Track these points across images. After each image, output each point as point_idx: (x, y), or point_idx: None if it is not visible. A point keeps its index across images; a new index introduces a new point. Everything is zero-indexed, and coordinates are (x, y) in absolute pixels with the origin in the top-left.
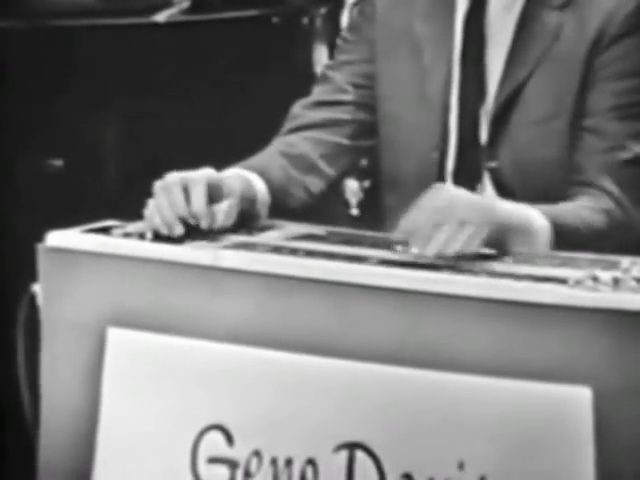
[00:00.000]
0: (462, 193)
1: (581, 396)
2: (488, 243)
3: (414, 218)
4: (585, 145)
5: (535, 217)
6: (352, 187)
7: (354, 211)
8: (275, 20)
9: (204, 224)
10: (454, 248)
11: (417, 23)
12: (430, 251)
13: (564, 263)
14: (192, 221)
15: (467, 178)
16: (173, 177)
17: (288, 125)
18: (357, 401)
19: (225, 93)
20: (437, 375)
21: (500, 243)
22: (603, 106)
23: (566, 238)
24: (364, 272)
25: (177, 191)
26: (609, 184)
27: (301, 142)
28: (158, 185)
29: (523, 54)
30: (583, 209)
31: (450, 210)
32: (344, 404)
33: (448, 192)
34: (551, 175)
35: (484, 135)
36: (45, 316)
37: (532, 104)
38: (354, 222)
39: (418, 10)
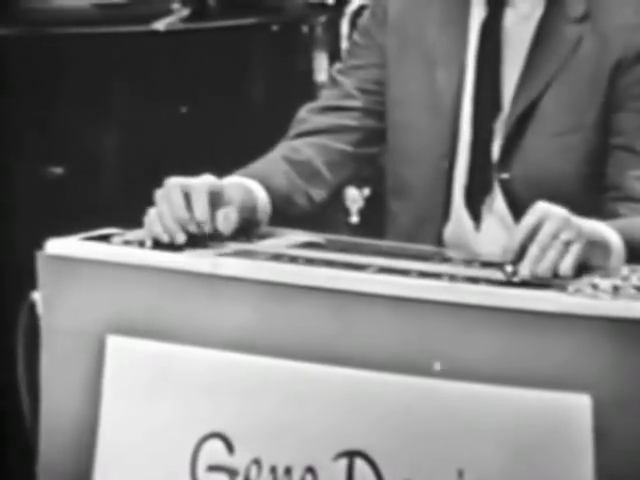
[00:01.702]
0: (559, 210)
1: (581, 403)
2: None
3: (518, 238)
4: (620, 162)
5: (609, 232)
6: (352, 195)
7: (354, 219)
8: (275, 28)
9: (207, 229)
10: (566, 267)
11: (430, 30)
12: (543, 271)
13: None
14: (192, 229)
15: (477, 189)
16: (174, 184)
17: (294, 130)
18: (357, 409)
19: (225, 101)
20: (437, 383)
21: (585, 258)
22: (635, 124)
23: (634, 252)
24: (364, 280)
25: (178, 199)
26: None
27: (305, 148)
28: (159, 193)
29: (540, 66)
30: None
31: (553, 229)
32: (344, 412)
33: (546, 211)
34: (564, 189)
35: (497, 146)
36: (45, 324)
37: (548, 117)
38: (354, 230)
39: (431, 16)
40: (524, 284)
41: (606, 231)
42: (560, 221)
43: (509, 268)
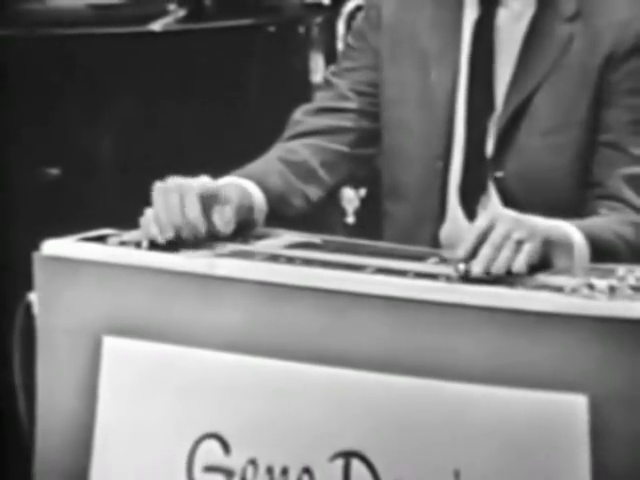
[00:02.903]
0: (509, 213)
1: (577, 403)
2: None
3: (471, 239)
4: (605, 159)
5: (572, 232)
6: (348, 195)
7: (350, 219)
8: (271, 29)
9: (201, 231)
10: (519, 265)
11: (423, 30)
12: (496, 270)
13: (560, 271)
14: (186, 233)
15: (472, 188)
16: (172, 182)
17: (289, 131)
18: (353, 409)
19: (221, 102)
20: (433, 383)
21: (544, 258)
22: (622, 121)
23: (601, 252)
24: (360, 280)
25: (174, 197)
26: (633, 197)
27: (301, 149)
28: (156, 192)
29: (532, 65)
30: (614, 223)
31: (505, 229)
32: (340, 412)
33: (498, 214)
34: (558, 186)
35: (490, 145)
36: (41, 324)
37: (541, 115)
38: (350, 230)
39: (425, 17)
40: (478, 281)
41: (568, 230)
42: (511, 222)
43: (462, 266)
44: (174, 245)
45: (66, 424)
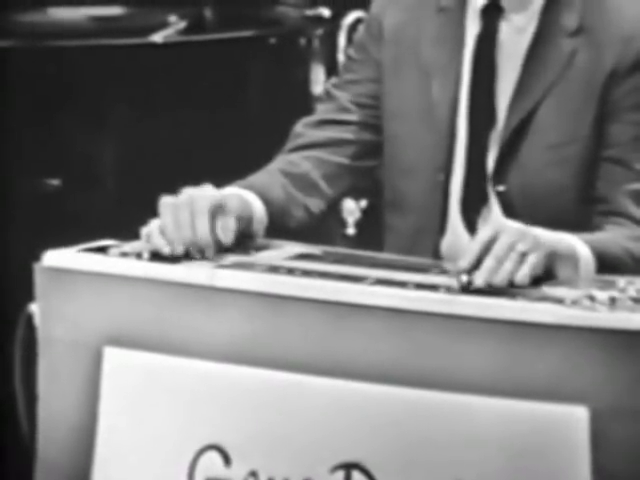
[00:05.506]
0: (514, 224)
1: (577, 415)
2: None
3: (475, 250)
4: (609, 175)
5: (578, 245)
6: (349, 207)
7: (351, 231)
8: (272, 41)
9: (209, 254)
10: (521, 277)
11: (425, 43)
12: (498, 281)
13: (562, 282)
14: (193, 249)
15: (474, 201)
16: (183, 198)
17: (290, 144)
18: (354, 421)
19: (222, 113)
20: (433, 394)
21: (548, 270)
22: (626, 136)
23: (607, 265)
24: (360, 291)
25: (185, 215)
26: (639, 213)
27: (303, 161)
28: (165, 204)
29: (535, 79)
30: (620, 238)
31: (509, 241)
32: (341, 424)
33: (502, 225)
34: (560, 200)
35: (492, 159)
36: (42, 335)
37: (544, 129)
38: (351, 241)
39: (427, 30)
40: (479, 292)
41: (574, 243)
42: (516, 233)
43: (464, 277)
44: (175, 256)
45: (67, 435)
